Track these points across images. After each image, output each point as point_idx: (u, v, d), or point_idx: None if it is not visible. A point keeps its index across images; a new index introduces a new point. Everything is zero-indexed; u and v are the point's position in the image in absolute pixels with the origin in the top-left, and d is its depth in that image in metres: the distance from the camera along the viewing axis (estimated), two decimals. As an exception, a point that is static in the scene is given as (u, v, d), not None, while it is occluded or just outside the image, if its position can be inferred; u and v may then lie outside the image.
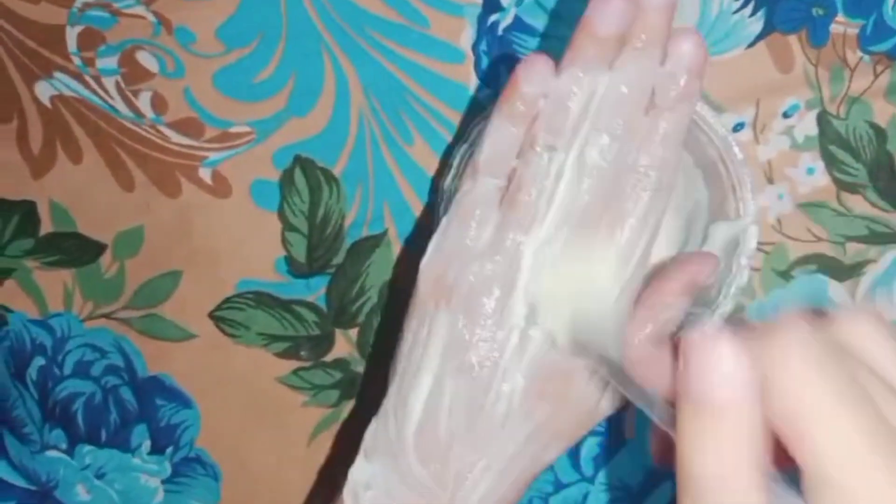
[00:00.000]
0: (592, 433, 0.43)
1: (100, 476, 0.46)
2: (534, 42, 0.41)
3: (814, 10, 0.41)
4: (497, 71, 0.42)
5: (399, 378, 0.31)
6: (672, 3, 0.30)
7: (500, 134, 0.31)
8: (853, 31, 0.40)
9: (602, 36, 0.30)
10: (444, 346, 0.30)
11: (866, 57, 0.41)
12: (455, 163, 0.39)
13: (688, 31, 0.30)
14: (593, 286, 0.30)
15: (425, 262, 0.32)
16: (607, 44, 0.30)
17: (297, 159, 0.43)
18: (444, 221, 0.32)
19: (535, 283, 0.30)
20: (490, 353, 0.30)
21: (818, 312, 0.22)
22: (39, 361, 0.46)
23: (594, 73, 0.30)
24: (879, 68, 0.41)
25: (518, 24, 0.41)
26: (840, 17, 0.40)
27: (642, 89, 0.30)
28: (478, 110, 0.42)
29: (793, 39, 0.41)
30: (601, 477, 0.44)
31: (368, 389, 0.45)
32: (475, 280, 0.30)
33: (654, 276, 0.32)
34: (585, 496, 0.44)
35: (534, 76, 0.30)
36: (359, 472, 0.31)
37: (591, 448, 0.43)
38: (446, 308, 0.30)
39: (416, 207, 0.43)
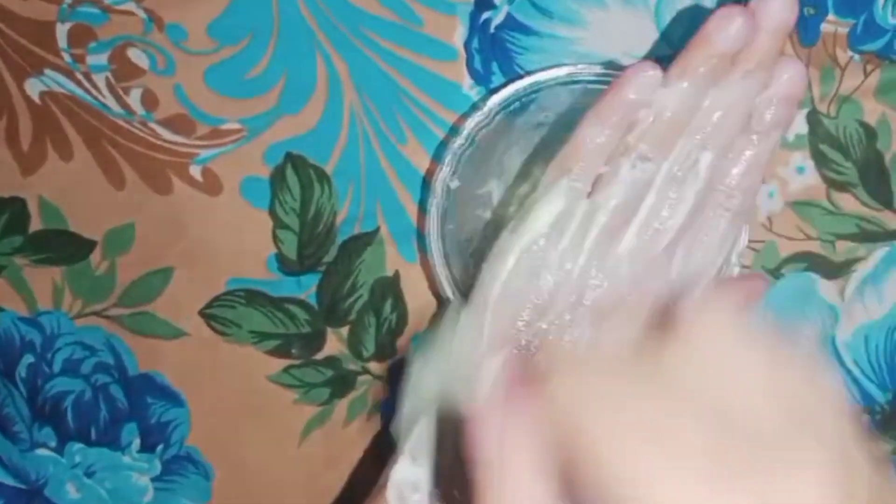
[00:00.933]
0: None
1: (89, 474, 0.46)
2: (526, 40, 0.41)
3: (805, 10, 0.41)
4: (489, 69, 0.42)
5: None
6: (788, 28, 0.30)
7: (594, 137, 0.31)
8: (844, 30, 0.41)
9: (719, 52, 0.30)
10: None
11: (857, 56, 0.41)
12: (448, 159, 0.39)
13: (793, 60, 0.31)
14: None
15: (509, 266, 0.31)
16: (721, 61, 0.30)
17: (289, 157, 0.43)
18: (529, 220, 0.31)
19: None
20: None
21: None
22: (29, 359, 0.46)
23: (701, 88, 0.30)
24: (870, 67, 0.41)
25: (510, 22, 0.42)
26: (831, 17, 0.41)
27: (744, 111, 0.30)
28: (470, 108, 0.42)
29: (783, 38, 0.41)
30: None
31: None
32: (545, 287, 0.30)
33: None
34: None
35: (641, 84, 0.30)
36: (403, 472, 0.31)
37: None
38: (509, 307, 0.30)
39: (409, 205, 0.43)
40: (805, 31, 0.41)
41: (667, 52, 0.41)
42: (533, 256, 0.30)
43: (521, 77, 0.39)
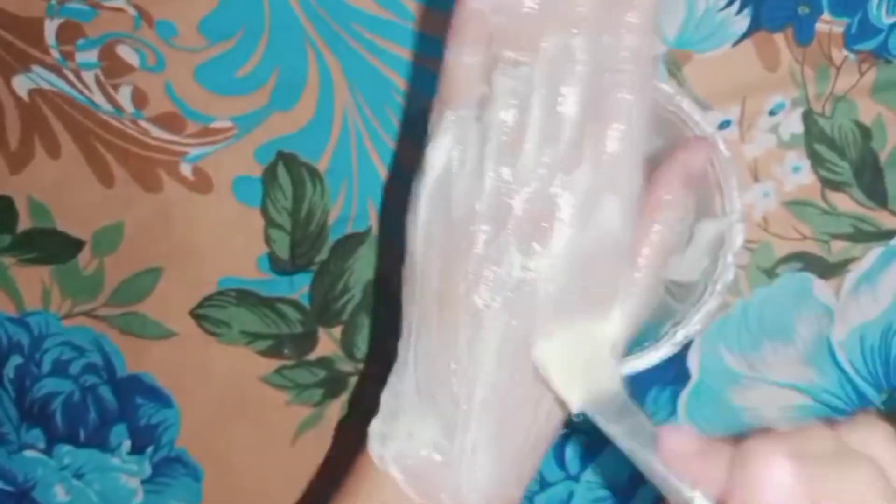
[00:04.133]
0: (578, 432, 0.43)
1: (78, 476, 0.46)
2: (520, 38, 0.41)
3: (799, 9, 0.41)
4: (483, 67, 0.41)
5: (405, 333, 0.30)
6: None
7: (459, 60, 0.29)
8: (838, 29, 0.41)
9: None
10: (440, 294, 0.29)
11: (851, 55, 0.41)
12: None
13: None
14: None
15: (417, 212, 0.29)
16: None
17: (280, 155, 0.43)
18: (425, 161, 0.29)
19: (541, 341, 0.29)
20: (493, 294, 0.28)
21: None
22: (17, 360, 0.45)
23: None
24: (864, 67, 0.41)
25: (504, 20, 0.41)
26: (826, 16, 0.41)
27: None
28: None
29: (779, 38, 0.41)
30: (586, 475, 0.43)
31: (361, 391, 0.44)
32: (465, 219, 0.29)
33: (651, 183, 0.30)
34: (571, 494, 0.44)
35: None
36: (378, 427, 0.30)
37: (576, 447, 0.43)
38: (438, 256, 0.29)
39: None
40: (800, 29, 0.41)
41: (661, 49, 0.41)
42: (441, 197, 0.29)
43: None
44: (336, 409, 0.45)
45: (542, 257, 0.28)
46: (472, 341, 0.29)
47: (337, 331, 0.44)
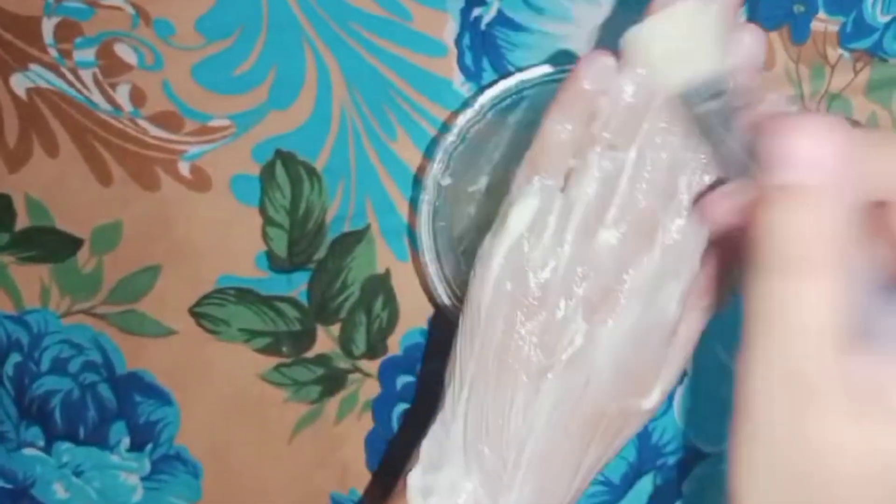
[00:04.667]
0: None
1: (78, 474, 0.46)
2: (517, 36, 0.41)
3: (795, 8, 0.41)
4: (480, 65, 0.42)
5: (457, 386, 0.31)
6: (739, 3, 0.30)
7: (558, 132, 0.30)
8: (833, 28, 0.41)
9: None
10: (501, 352, 0.31)
11: (846, 54, 0.41)
12: (439, 156, 0.39)
13: (749, 26, 0.30)
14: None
15: (490, 267, 0.31)
16: None
17: (278, 153, 0.43)
18: (507, 221, 0.31)
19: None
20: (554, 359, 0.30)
21: None
22: (15, 358, 0.45)
23: None
24: (859, 65, 0.41)
25: (501, 19, 0.41)
26: (821, 15, 0.41)
27: None
28: (462, 105, 0.42)
29: (774, 36, 0.41)
30: (583, 471, 0.44)
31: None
32: (538, 283, 0.30)
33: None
34: (567, 491, 0.44)
35: (596, 73, 0.30)
36: (419, 479, 0.31)
37: (573, 443, 0.43)
38: (505, 315, 0.31)
39: (399, 202, 0.43)
40: (795, 28, 0.41)
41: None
42: (517, 258, 0.31)
43: (512, 74, 0.39)
44: (334, 406, 0.45)
45: (605, 329, 0.30)
46: (527, 403, 0.30)
47: (335, 328, 0.44)
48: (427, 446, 0.32)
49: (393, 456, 0.45)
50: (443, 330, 0.42)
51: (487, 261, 0.31)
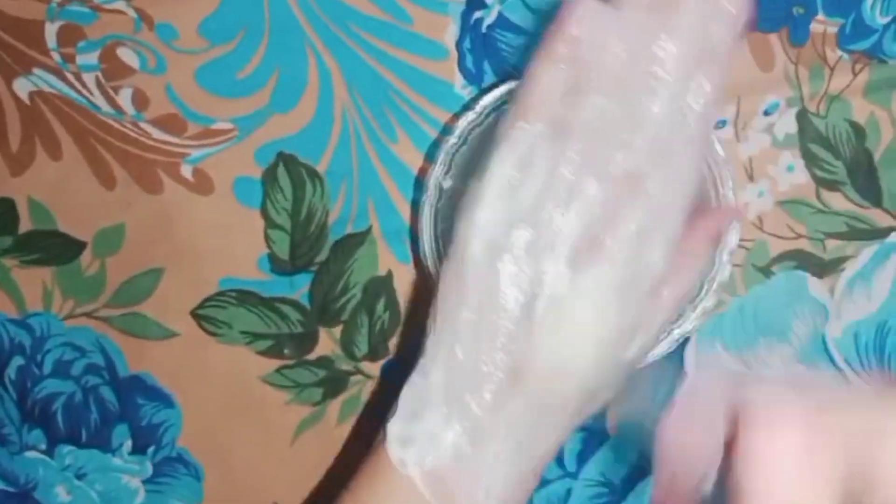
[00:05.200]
0: (577, 429, 0.43)
1: (80, 476, 0.46)
2: (518, 39, 0.42)
3: (794, 9, 0.41)
4: (481, 68, 0.42)
5: (438, 333, 0.31)
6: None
7: (544, 76, 0.30)
8: (833, 29, 0.41)
9: None
10: (488, 299, 0.30)
11: (845, 56, 0.41)
12: (441, 158, 0.39)
13: None
14: None
15: (477, 211, 0.31)
16: None
17: (281, 156, 0.43)
18: (491, 165, 0.31)
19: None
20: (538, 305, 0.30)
21: None
22: (18, 361, 0.45)
23: (647, 19, 0.30)
24: (858, 67, 0.41)
25: (502, 22, 0.42)
26: (820, 17, 0.41)
27: (691, 39, 0.30)
28: (463, 107, 0.42)
29: (773, 38, 0.41)
30: (584, 473, 0.44)
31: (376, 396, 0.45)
32: (519, 232, 0.30)
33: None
34: (569, 492, 0.44)
35: (584, 17, 0.30)
36: (398, 428, 0.31)
37: (574, 444, 0.44)
38: (493, 260, 0.30)
39: (401, 204, 0.43)
40: (794, 30, 0.41)
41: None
42: (502, 204, 0.30)
43: (513, 77, 0.39)
44: (336, 408, 0.45)
45: (589, 277, 0.30)
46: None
47: (337, 330, 0.44)
48: (406, 395, 0.31)
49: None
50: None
51: (473, 205, 0.31)
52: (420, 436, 0.30)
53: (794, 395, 0.25)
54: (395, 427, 0.31)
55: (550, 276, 0.30)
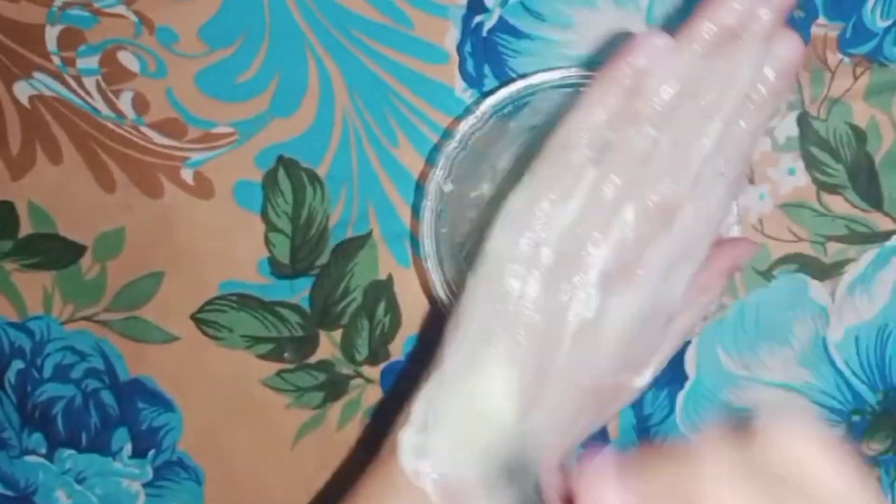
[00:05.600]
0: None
1: (80, 481, 0.46)
2: (518, 43, 0.42)
3: (795, 13, 0.41)
4: (482, 72, 0.42)
5: (460, 342, 0.31)
6: (791, 2, 0.31)
7: (600, 103, 0.31)
8: (833, 33, 0.41)
9: (723, 25, 0.30)
10: (509, 311, 0.31)
11: (846, 59, 0.41)
12: (441, 162, 0.39)
13: (790, 32, 0.31)
14: None
15: (511, 232, 0.31)
16: (724, 32, 0.30)
17: (281, 160, 0.43)
18: (533, 180, 0.31)
19: None
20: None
21: (740, 425, 0.25)
22: (18, 365, 0.45)
23: (705, 58, 0.30)
24: (859, 70, 0.41)
25: (502, 26, 0.42)
26: (820, 20, 0.41)
27: (746, 81, 0.30)
28: (464, 111, 0.42)
29: (774, 41, 0.41)
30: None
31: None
32: (556, 249, 0.30)
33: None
34: (570, 496, 0.44)
35: (649, 50, 0.30)
36: (412, 437, 0.31)
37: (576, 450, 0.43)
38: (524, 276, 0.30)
39: (401, 208, 0.43)
40: (795, 34, 0.41)
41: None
42: (542, 219, 0.31)
43: (514, 80, 0.39)
44: (336, 412, 0.45)
45: (619, 302, 0.30)
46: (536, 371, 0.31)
47: (337, 334, 0.44)
48: (421, 405, 0.31)
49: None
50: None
51: (511, 216, 0.31)
52: (438, 449, 0.30)
53: (614, 469, 0.25)
54: (408, 437, 0.31)
55: (580, 297, 0.30)
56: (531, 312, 0.30)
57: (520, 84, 0.38)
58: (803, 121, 0.42)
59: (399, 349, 0.44)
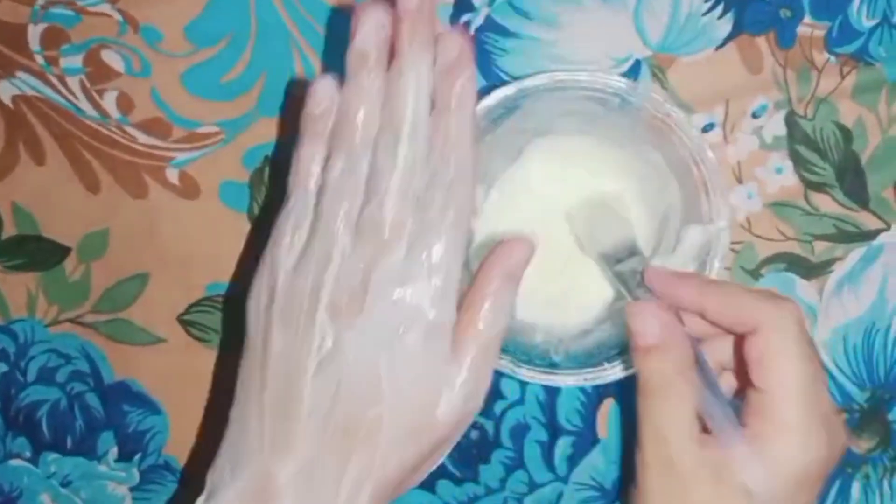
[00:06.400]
0: (566, 433, 0.43)
1: (65, 484, 0.45)
2: (505, 42, 0.41)
3: (781, 12, 0.41)
4: (469, 71, 0.42)
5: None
6: (428, 5, 0.32)
7: (302, 153, 0.32)
8: (820, 32, 0.41)
9: (365, 51, 0.31)
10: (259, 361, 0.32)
11: (833, 58, 0.41)
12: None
13: (449, 33, 0.32)
14: None
15: (251, 294, 0.32)
16: (377, 54, 0.32)
17: (268, 160, 0.43)
18: (272, 233, 0.33)
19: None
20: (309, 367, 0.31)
21: None
22: (2, 368, 0.45)
23: (371, 83, 0.32)
24: (846, 70, 0.41)
25: (490, 24, 0.41)
26: (807, 19, 0.41)
27: (421, 91, 0.31)
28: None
29: (761, 41, 0.41)
30: (575, 476, 0.44)
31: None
32: (291, 289, 0.31)
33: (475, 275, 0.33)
34: (560, 496, 0.44)
35: (318, 97, 0.32)
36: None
37: (564, 448, 0.43)
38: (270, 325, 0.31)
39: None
40: (782, 33, 0.41)
41: (645, 53, 0.41)
42: (275, 268, 0.32)
43: (505, 84, 0.38)
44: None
45: (352, 331, 0.30)
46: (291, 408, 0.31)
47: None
48: (210, 471, 0.33)
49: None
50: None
51: (259, 271, 0.32)
52: None
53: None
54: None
55: (314, 334, 0.30)
56: (275, 360, 0.31)
57: (512, 88, 0.37)
58: (790, 120, 0.42)
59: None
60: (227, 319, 0.44)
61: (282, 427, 0.30)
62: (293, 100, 0.42)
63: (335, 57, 0.39)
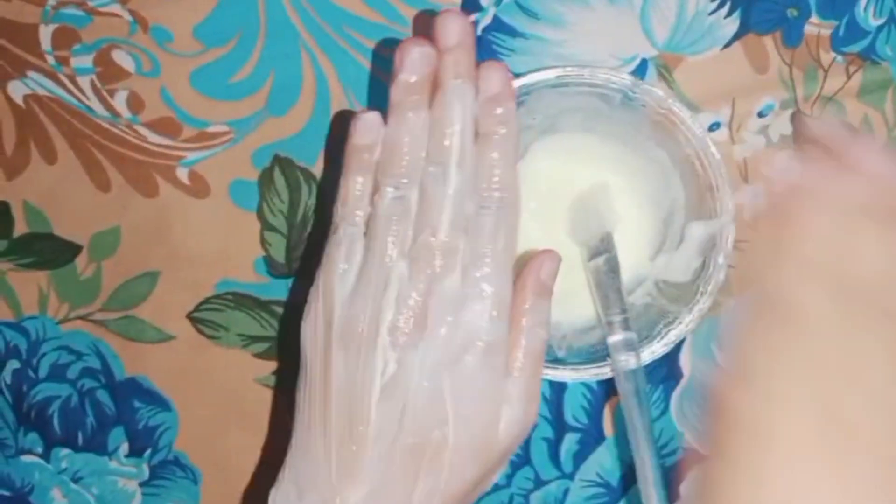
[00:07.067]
0: (572, 430, 0.43)
1: (76, 480, 0.46)
2: (513, 42, 0.42)
3: (788, 12, 0.41)
4: (477, 71, 0.42)
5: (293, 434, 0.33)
6: (468, 39, 0.33)
7: (348, 185, 0.33)
8: (826, 32, 0.41)
9: (411, 84, 0.32)
10: (321, 388, 0.32)
11: (839, 57, 0.41)
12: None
13: (491, 63, 0.33)
14: None
15: (305, 321, 0.33)
16: (422, 87, 0.33)
17: (276, 159, 0.43)
18: (322, 264, 0.33)
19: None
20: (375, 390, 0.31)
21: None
22: (14, 365, 0.45)
23: (416, 115, 0.33)
24: (852, 69, 0.41)
25: (497, 24, 0.42)
26: (814, 19, 0.41)
27: (468, 120, 0.33)
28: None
29: (767, 40, 0.41)
30: (581, 473, 0.44)
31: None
32: (350, 315, 0.32)
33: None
34: (566, 492, 0.44)
35: (364, 129, 0.33)
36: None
37: (570, 445, 0.44)
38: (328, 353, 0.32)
39: (397, 207, 0.43)
40: (788, 32, 0.41)
41: (652, 52, 0.41)
42: (331, 296, 0.32)
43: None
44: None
45: (415, 353, 0.31)
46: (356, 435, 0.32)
47: (333, 333, 0.44)
48: (274, 490, 0.34)
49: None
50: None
51: (313, 298, 0.33)
52: None
53: None
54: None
55: (376, 359, 0.31)
56: (337, 386, 0.31)
57: (516, 84, 0.38)
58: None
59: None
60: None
61: (348, 452, 0.31)
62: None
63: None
